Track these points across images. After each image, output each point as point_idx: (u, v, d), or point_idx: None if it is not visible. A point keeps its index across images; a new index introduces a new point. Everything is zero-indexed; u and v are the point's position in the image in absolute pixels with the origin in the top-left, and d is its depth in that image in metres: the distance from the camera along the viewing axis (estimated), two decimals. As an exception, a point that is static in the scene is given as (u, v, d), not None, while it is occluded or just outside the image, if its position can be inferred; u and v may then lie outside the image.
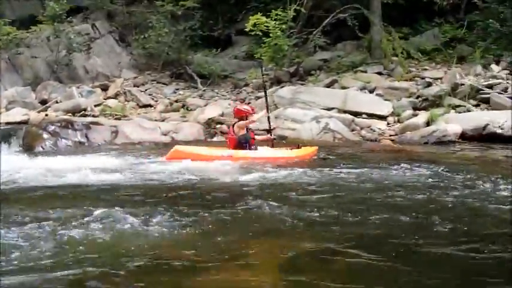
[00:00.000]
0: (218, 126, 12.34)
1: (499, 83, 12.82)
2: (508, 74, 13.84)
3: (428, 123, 11.23)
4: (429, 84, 13.15)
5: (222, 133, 12.00)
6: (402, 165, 7.00)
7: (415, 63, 15.06)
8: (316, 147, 8.72)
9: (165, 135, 11.52)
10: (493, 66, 14.17)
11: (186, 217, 4.35)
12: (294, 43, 14.87)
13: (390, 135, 11.21)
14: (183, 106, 14.14)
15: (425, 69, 14.54)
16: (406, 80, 13.83)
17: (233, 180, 6.34)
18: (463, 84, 12.71)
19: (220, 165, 7.34)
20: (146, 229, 4.03)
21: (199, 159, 7.61)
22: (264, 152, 8.31)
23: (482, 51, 14.43)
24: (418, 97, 12.71)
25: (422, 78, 13.75)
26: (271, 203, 4.78)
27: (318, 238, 3.87)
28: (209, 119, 12.61)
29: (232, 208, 4.71)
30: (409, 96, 12.84)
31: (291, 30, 14.78)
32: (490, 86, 12.73)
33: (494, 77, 13.35)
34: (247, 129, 8.34)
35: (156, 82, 15.96)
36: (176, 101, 14.47)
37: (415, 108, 12.34)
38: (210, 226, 4.16)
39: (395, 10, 16.02)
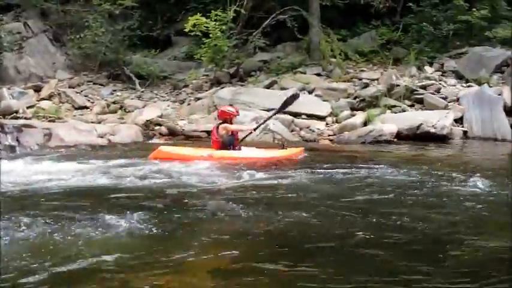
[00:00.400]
0: (157, 127, 12.15)
1: (432, 84, 13.38)
2: (441, 75, 14.47)
3: (365, 123, 11.52)
4: (366, 85, 13.50)
5: (161, 135, 11.82)
6: (342, 164, 7.09)
7: (352, 65, 15.42)
8: (301, 148, 8.65)
9: (101, 137, 11.17)
10: (427, 67, 14.75)
11: (140, 220, 4.21)
12: (234, 44, 14.83)
13: (329, 135, 11.41)
14: (120, 108, 13.81)
15: (363, 71, 14.91)
16: (344, 81, 14.14)
17: (204, 182, 6.19)
18: (398, 85, 13.13)
19: (199, 166, 7.28)
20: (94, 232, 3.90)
21: (180, 159, 7.64)
22: (247, 152, 8.22)
23: (416, 53, 14.97)
24: (355, 98, 13.03)
25: (360, 79, 14.10)
26: (234, 205, 4.70)
27: (262, 245, 3.79)
28: (147, 120, 12.40)
29: (190, 211, 4.60)
30: (347, 97, 13.13)
31: (231, 31, 14.75)
32: (424, 87, 13.25)
33: (428, 78, 13.90)
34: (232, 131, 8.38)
35: (92, 83, 15.48)
36: (114, 103, 14.10)
37: (352, 109, 12.63)
38: (159, 230, 4.03)
39: (333, 12, 16.35)
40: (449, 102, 12.68)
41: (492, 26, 16.04)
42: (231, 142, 8.17)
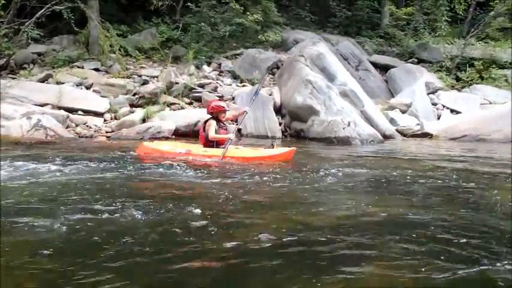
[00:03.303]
0: None
1: (210, 83, 14.18)
2: (218, 74, 15.43)
3: (144, 120, 11.71)
4: (146, 82, 13.71)
5: None
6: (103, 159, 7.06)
7: (133, 61, 15.52)
8: (293, 148, 8.09)
9: None
10: (205, 67, 15.58)
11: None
12: (3, 33, 13.70)
13: (107, 132, 11.32)
14: None
15: (143, 67, 15.12)
16: (124, 77, 14.15)
17: (167, 179, 5.67)
18: (177, 83, 13.59)
19: (174, 162, 6.75)
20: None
21: (159, 155, 7.49)
22: (231, 151, 7.63)
23: (195, 52, 15.69)
24: (135, 94, 13.14)
25: (140, 75, 14.26)
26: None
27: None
28: None
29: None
30: (126, 94, 13.17)
31: (0, 19, 13.60)
32: (202, 85, 13.95)
33: (206, 77, 14.69)
34: (220, 127, 7.86)
35: None
36: None
37: (132, 105, 12.72)
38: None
39: (113, 7, 16.23)
40: (225, 100, 13.57)
41: (264, 30, 17.67)
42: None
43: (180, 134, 11.42)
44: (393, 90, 17.18)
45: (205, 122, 8.02)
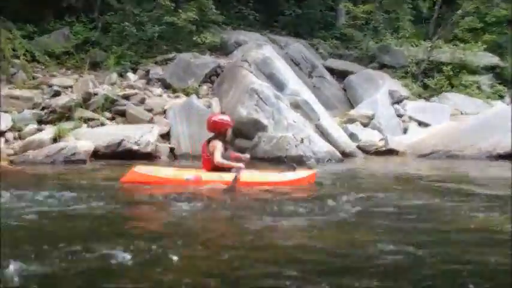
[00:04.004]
0: None
1: (136, 94, 14.08)
2: (146, 83, 15.35)
3: (56, 140, 11.46)
4: (57, 94, 13.46)
5: None
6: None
7: (41, 68, 15.26)
8: (314, 171, 8.08)
9: None
10: (130, 74, 15.49)
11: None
12: None
13: (9, 155, 11.00)
14: None
15: (54, 76, 14.88)
16: (30, 88, 13.85)
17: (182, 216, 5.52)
18: (96, 94, 13.40)
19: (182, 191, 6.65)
20: None
21: (158, 183, 7.24)
22: (245, 175, 7.43)
23: (118, 57, 15.59)
24: (43, 108, 12.87)
25: (50, 86, 13.99)
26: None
27: None
28: None
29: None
30: (33, 108, 12.89)
31: None
32: (127, 97, 13.82)
33: (131, 86, 14.60)
34: (225, 148, 7.63)
35: None
36: None
37: (40, 122, 12.44)
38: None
39: (17, 3, 15.91)
40: (154, 114, 13.50)
41: (201, 31, 17.77)
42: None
43: (100, 156, 11.25)
44: (352, 100, 17.61)
45: (208, 141, 7.78)
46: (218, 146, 7.54)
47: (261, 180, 7.67)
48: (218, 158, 7.46)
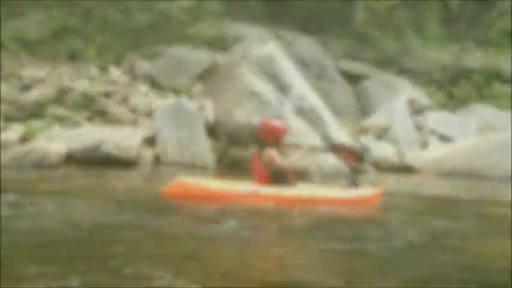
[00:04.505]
0: None
1: (118, 91, 14.07)
2: (131, 80, 15.33)
3: (24, 141, 11.45)
4: (27, 87, 13.48)
5: None
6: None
7: (10, 57, 15.23)
8: (380, 188, 8.23)
9: None
10: (113, 69, 15.48)
11: None
12: None
13: (-31, 158, 10.97)
14: None
15: (24, 67, 14.83)
16: (-4, 80, 13.86)
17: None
18: (72, 90, 13.41)
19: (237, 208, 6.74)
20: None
21: (208, 197, 7.26)
22: (307, 190, 7.67)
23: (100, 48, 15.58)
24: (12, 104, 12.86)
25: (19, 78, 13.98)
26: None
27: None
28: None
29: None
30: (-1, 102, 12.89)
31: None
32: (108, 94, 13.84)
33: (113, 82, 14.60)
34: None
35: None
36: None
37: (7, 119, 12.42)
38: None
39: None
40: (139, 116, 13.51)
41: (196, 22, 17.75)
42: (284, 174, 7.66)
43: (75, 161, 11.23)
44: (366, 108, 17.62)
45: (258, 150, 7.93)
46: (274, 153, 7.69)
47: (322, 196, 7.79)
48: (285, 162, 7.67)
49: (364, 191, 8.18)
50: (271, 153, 7.69)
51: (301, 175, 11.19)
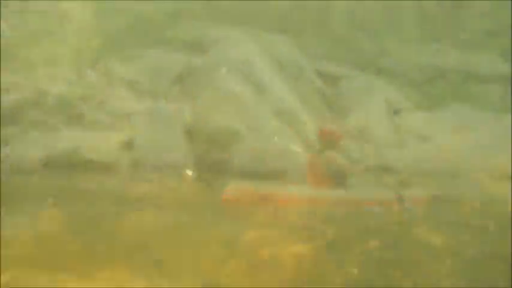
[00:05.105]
0: None
1: (94, 95, 13.97)
2: (108, 82, 15.22)
3: (-1, 146, 11.37)
4: (3, 92, 13.34)
5: None
6: None
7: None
8: None
9: None
10: (89, 71, 15.36)
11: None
12: None
13: None
14: None
15: (-1, 71, 14.73)
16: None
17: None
18: (49, 93, 13.33)
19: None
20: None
21: (268, 201, 7.16)
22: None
23: (75, 50, 15.46)
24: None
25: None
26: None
27: None
28: None
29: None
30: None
31: None
32: (84, 98, 13.73)
33: (89, 86, 14.49)
34: None
35: None
36: None
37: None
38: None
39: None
40: (116, 120, 13.42)
41: (174, 23, 17.68)
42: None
43: (51, 166, 11.17)
44: (343, 108, 17.59)
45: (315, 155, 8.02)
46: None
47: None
48: None
49: None
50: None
51: (279, 175, 11.31)
